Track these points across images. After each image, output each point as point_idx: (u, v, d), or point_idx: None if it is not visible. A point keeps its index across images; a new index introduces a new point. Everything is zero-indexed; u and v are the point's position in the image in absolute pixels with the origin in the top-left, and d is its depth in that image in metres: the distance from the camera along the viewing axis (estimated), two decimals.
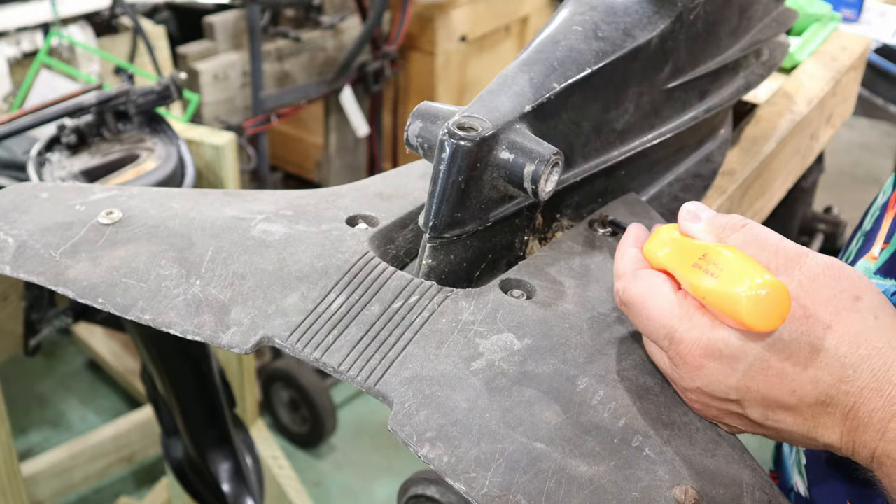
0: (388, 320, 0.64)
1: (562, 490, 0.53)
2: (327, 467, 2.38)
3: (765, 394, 0.54)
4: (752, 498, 0.55)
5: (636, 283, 0.60)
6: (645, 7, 0.79)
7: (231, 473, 1.35)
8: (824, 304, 0.53)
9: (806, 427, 0.55)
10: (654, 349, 0.60)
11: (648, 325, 0.58)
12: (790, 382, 0.53)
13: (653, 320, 0.58)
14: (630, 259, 0.63)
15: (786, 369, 0.53)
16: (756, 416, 0.56)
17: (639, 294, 0.59)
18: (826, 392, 0.53)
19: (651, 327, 0.58)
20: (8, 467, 1.65)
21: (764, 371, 0.54)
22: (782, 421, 0.55)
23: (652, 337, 0.59)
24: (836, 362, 0.53)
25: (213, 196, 0.79)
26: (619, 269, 0.63)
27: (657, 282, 0.59)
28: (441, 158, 0.64)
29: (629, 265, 0.62)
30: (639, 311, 0.59)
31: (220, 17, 2.31)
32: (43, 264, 0.70)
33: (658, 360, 0.61)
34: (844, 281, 0.54)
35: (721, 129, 1.00)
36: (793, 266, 0.55)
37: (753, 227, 0.58)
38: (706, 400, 0.58)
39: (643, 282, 0.59)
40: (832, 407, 0.53)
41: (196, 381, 1.28)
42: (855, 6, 2.28)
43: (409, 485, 0.88)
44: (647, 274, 0.60)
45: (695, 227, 0.60)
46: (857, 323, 0.53)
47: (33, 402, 2.51)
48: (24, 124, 1.34)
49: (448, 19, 2.64)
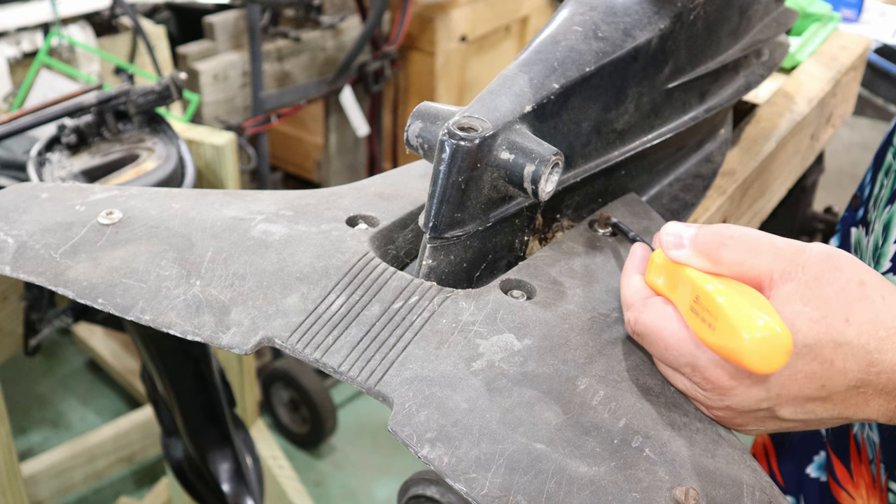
0: (388, 321, 0.64)
1: (562, 491, 0.53)
2: (327, 467, 2.38)
3: (796, 395, 0.55)
4: (752, 498, 0.55)
5: (647, 313, 0.60)
6: (645, 7, 0.79)
7: (231, 473, 1.35)
8: (836, 300, 0.54)
9: (838, 411, 0.56)
10: (672, 373, 0.61)
11: (667, 354, 0.58)
12: (819, 379, 0.54)
13: (671, 350, 0.58)
14: (636, 288, 0.63)
15: (814, 369, 0.54)
16: (787, 414, 0.57)
17: (651, 324, 0.59)
18: (857, 378, 0.54)
19: (670, 356, 0.58)
20: (8, 467, 1.65)
21: (793, 377, 0.54)
22: (813, 412, 0.56)
23: (672, 365, 0.59)
24: (860, 351, 0.53)
25: (213, 196, 0.79)
26: (627, 298, 0.63)
27: (668, 311, 0.59)
28: (441, 159, 0.64)
29: (637, 294, 0.62)
30: (655, 341, 0.59)
31: (220, 17, 2.31)
32: (43, 264, 0.69)
33: (678, 382, 0.61)
34: (847, 270, 0.54)
35: (721, 129, 0.99)
36: (794, 268, 0.55)
37: (739, 236, 0.57)
38: (735, 415, 0.58)
39: (654, 311, 0.59)
40: (865, 388, 0.54)
41: (196, 381, 1.28)
42: (855, 6, 2.28)
43: (409, 485, 0.88)
44: (656, 303, 0.60)
45: (681, 254, 0.59)
46: (868, 309, 0.54)
47: (33, 402, 2.51)
48: (24, 124, 1.34)
49: (448, 19, 2.64)
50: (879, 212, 0.88)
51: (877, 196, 0.91)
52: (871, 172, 0.98)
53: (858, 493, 0.86)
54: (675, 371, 0.60)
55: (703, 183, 0.93)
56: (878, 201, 0.90)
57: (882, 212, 0.87)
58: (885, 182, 0.90)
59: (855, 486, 0.87)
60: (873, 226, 0.89)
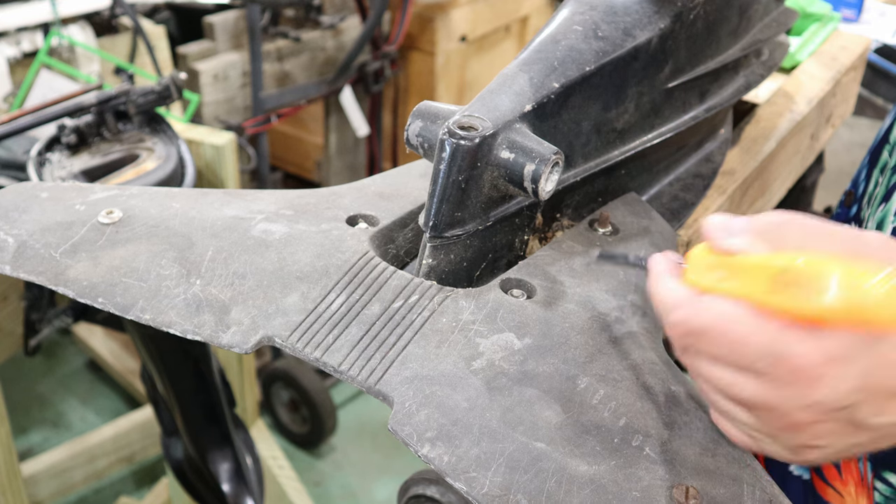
0: (388, 320, 0.64)
1: (562, 489, 0.53)
2: (327, 467, 2.38)
3: (881, 383, 0.51)
4: (752, 497, 0.55)
5: (706, 310, 0.54)
6: (645, 7, 0.79)
7: (231, 473, 1.35)
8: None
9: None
10: (737, 377, 0.54)
11: (738, 350, 0.53)
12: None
13: (747, 343, 0.52)
14: (677, 289, 0.57)
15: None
16: (866, 416, 0.52)
17: (715, 319, 0.53)
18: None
19: (744, 351, 0.53)
20: (8, 467, 1.65)
21: (880, 361, 0.50)
22: (892, 413, 0.52)
23: (743, 363, 0.53)
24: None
25: (213, 196, 0.79)
26: (670, 300, 0.57)
27: (730, 304, 0.53)
28: (441, 158, 0.64)
29: (681, 294, 0.57)
30: (720, 338, 0.53)
31: (220, 17, 2.31)
32: (43, 264, 0.69)
33: (745, 389, 0.54)
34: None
35: (721, 128, 1.00)
36: (860, 251, 0.52)
37: (796, 220, 0.54)
38: (815, 418, 0.53)
39: (715, 306, 0.54)
40: None
41: (196, 381, 1.27)
42: (855, 6, 2.28)
43: (410, 485, 0.88)
44: (713, 299, 0.55)
45: (739, 241, 0.55)
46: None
47: (33, 402, 2.51)
48: (24, 124, 1.34)
49: (448, 19, 2.64)
50: (874, 209, 0.88)
51: (871, 193, 0.91)
52: (865, 169, 0.98)
53: (847, 491, 0.87)
54: (743, 373, 0.53)
55: (703, 182, 0.93)
56: (872, 199, 0.90)
57: (876, 210, 0.87)
58: (879, 179, 0.90)
59: (843, 483, 0.87)
60: (867, 223, 0.89)
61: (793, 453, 0.55)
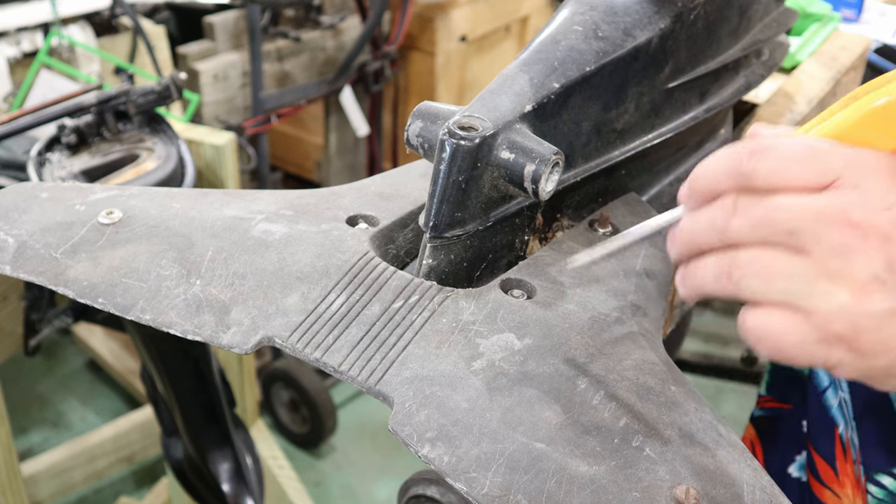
0: (388, 320, 0.64)
1: (562, 490, 0.53)
2: (327, 467, 2.38)
3: None
4: (752, 498, 0.55)
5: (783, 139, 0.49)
6: (645, 7, 0.79)
7: (231, 473, 1.35)
8: None
9: None
10: (796, 199, 0.46)
11: (814, 158, 0.46)
12: None
13: (824, 153, 0.46)
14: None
15: None
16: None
17: (790, 140, 0.48)
18: None
19: (822, 160, 0.46)
20: (8, 467, 1.65)
21: None
22: None
23: (824, 177, 0.46)
24: None
25: (213, 196, 0.79)
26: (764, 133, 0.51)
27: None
28: (441, 158, 0.64)
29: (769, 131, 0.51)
30: (793, 152, 0.47)
31: (220, 17, 2.31)
32: (43, 264, 0.69)
33: (826, 236, 0.45)
34: None
35: (721, 129, 1.00)
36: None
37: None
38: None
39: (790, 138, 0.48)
40: None
41: (196, 381, 1.27)
42: (855, 6, 2.27)
43: (410, 485, 0.88)
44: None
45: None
46: None
47: (33, 402, 2.51)
48: (24, 124, 1.34)
49: (448, 19, 2.64)
50: None
51: None
52: None
53: (844, 493, 0.87)
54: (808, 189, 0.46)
55: None
56: None
57: None
58: None
59: (840, 486, 0.87)
60: None
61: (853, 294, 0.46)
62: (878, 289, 0.45)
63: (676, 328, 1.08)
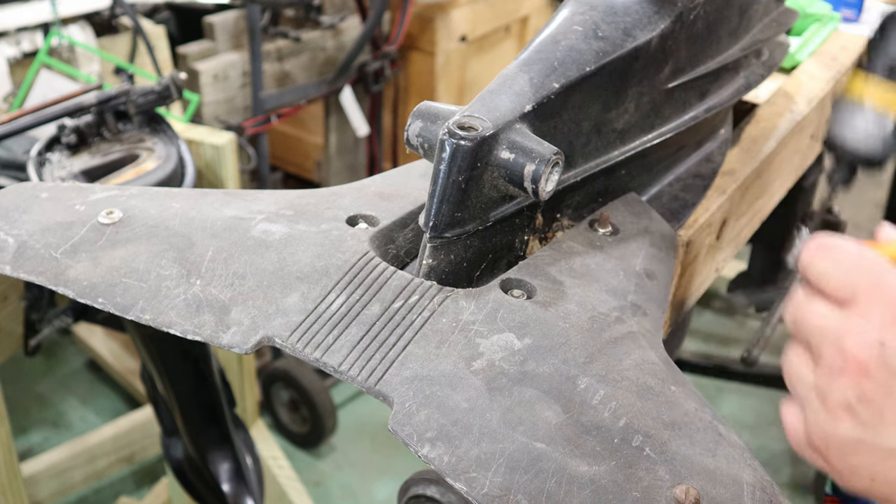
0: (388, 320, 0.64)
1: (562, 490, 0.53)
2: (327, 467, 2.38)
3: None
4: (752, 497, 0.55)
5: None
6: (645, 7, 0.79)
7: (231, 473, 1.35)
8: None
9: None
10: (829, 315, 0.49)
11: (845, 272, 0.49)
12: None
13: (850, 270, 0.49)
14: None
15: None
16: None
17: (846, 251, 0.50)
18: None
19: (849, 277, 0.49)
20: (8, 467, 1.65)
21: None
22: None
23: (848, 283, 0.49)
24: None
25: (213, 196, 0.79)
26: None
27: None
28: (441, 158, 0.64)
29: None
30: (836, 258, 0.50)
31: (220, 17, 2.31)
32: (43, 264, 0.69)
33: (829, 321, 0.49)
34: None
35: (721, 128, 1.00)
36: None
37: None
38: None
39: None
40: None
41: (196, 381, 1.27)
42: (855, 6, 2.27)
43: (410, 485, 0.88)
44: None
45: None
46: None
47: (33, 402, 2.51)
48: (24, 124, 1.34)
49: (448, 19, 2.64)
50: None
51: None
52: None
53: None
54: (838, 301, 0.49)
55: (703, 182, 0.93)
56: None
57: None
58: None
59: None
60: None
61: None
62: (848, 417, 0.49)
63: (676, 328, 1.08)
